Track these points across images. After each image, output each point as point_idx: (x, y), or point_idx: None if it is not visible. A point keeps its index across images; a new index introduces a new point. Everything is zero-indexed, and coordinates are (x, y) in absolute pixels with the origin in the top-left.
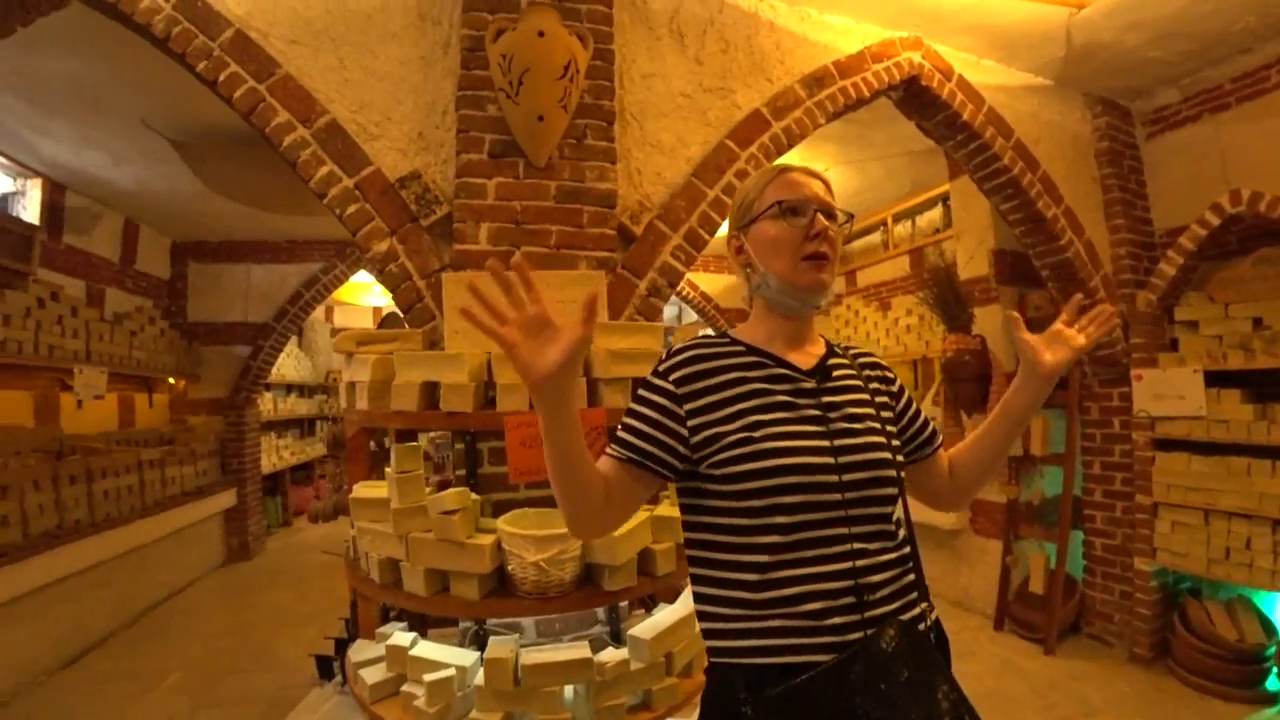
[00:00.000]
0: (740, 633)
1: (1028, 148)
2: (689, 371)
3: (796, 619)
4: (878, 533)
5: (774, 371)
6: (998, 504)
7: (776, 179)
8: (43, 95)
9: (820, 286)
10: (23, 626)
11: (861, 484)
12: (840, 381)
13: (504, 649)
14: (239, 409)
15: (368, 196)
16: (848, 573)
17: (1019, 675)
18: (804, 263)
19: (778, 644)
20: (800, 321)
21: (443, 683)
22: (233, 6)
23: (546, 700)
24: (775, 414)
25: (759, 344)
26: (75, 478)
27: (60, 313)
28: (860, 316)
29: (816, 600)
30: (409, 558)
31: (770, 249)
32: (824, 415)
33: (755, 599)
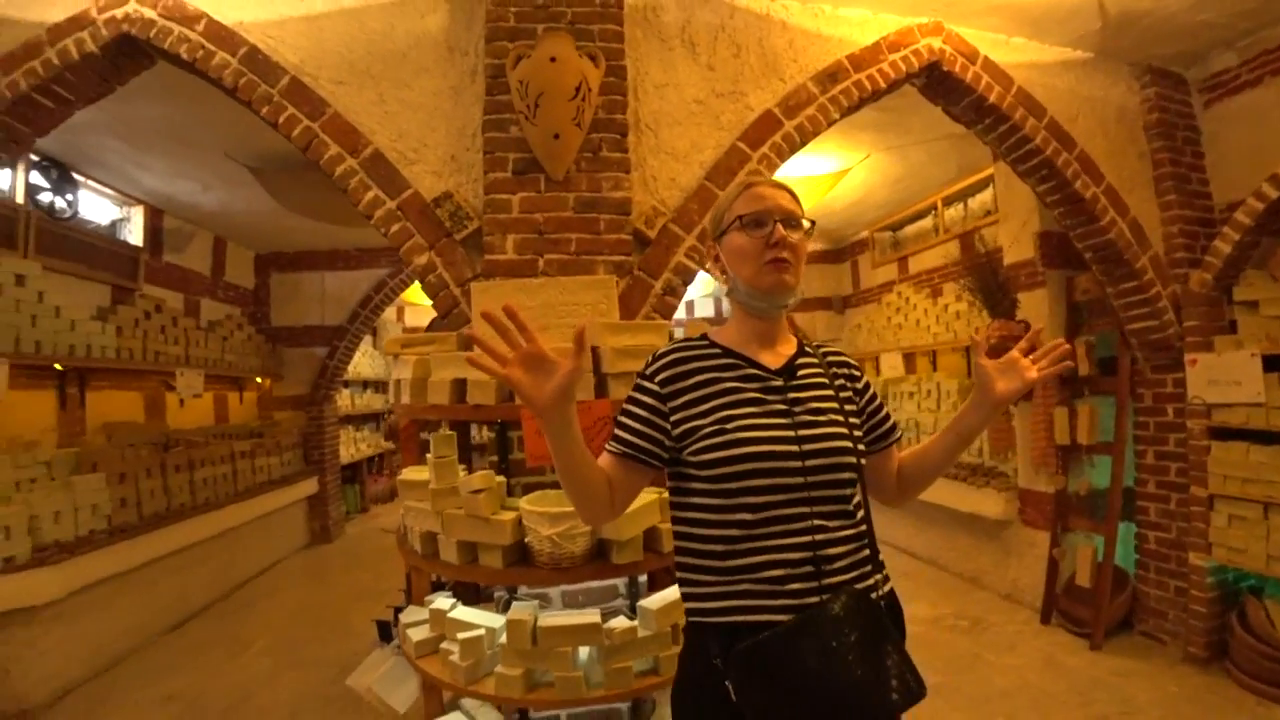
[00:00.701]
0: (712, 595)
1: (1063, 126)
2: (671, 373)
3: (760, 584)
4: (837, 512)
5: (745, 371)
6: (1045, 495)
7: (742, 194)
8: (140, 136)
9: (781, 287)
10: (137, 594)
11: (822, 469)
12: (806, 379)
13: (524, 613)
14: (318, 404)
15: (408, 216)
16: (807, 545)
17: (1060, 671)
18: (766, 266)
19: (743, 604)
20: (771, 322)
21: (474, 641)
22: (288, 55)
23: (561, 660)
24: (745, 409)
25: (733, 346)
26: (179, 467)
27: (163, 323)
28: (910, 304)
29: (777, 568)
30: (444, 531)
31: (737, 257)
32: (789, 409)
33: (726, 566)
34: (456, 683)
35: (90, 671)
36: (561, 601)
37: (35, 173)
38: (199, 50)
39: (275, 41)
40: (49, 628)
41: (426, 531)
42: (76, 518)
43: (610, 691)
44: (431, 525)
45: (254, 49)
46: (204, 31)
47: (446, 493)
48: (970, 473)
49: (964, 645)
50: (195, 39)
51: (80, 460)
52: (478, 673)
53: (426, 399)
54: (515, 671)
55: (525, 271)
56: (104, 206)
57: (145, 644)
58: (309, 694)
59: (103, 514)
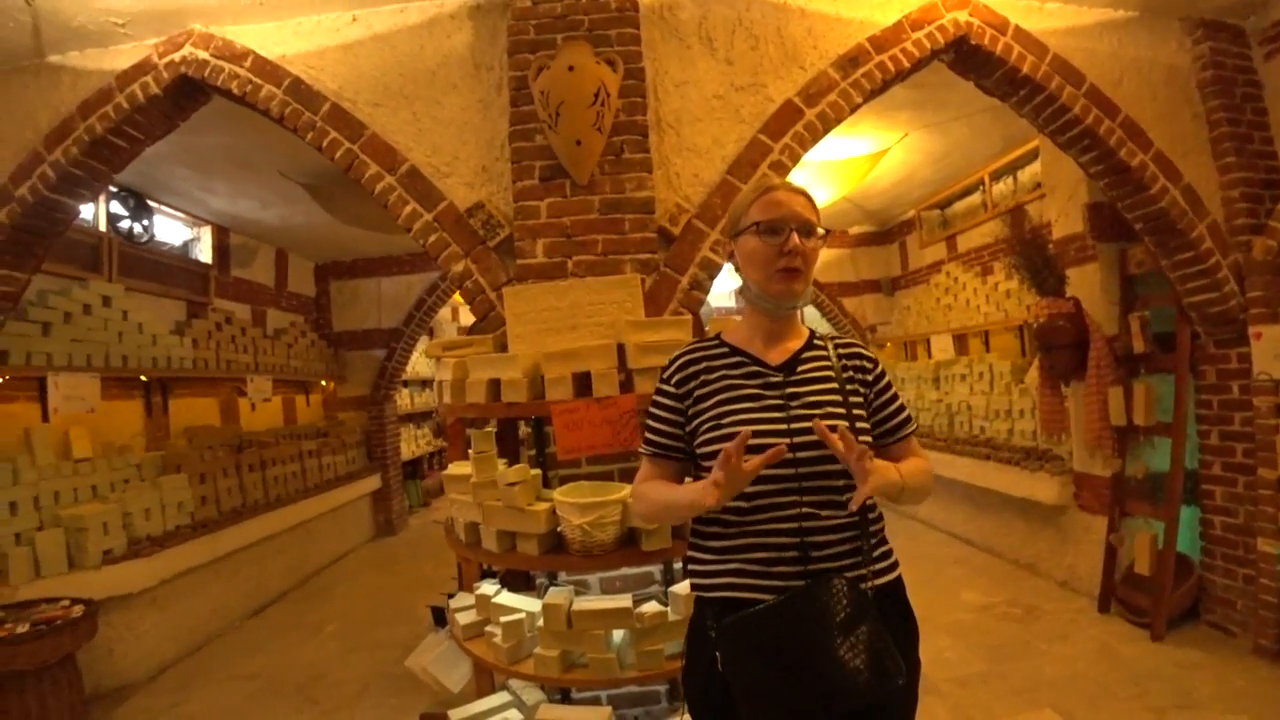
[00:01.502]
0: (709, 573)
1: (1104, 92)
2: (684, 375)
3: (750, 564)
4: (828, 502)
5: (749, 369)
6: (1102, 478)
7: (760, 198)
8: (204, 163)
9: (789, 295)
10: (221, 582)
11: (814, 460)
12: (807, 373)
13: (560, 597)
14: (379, 404)
15: (444, 226)
16: (795, 531)
17: (1115, 661)
18: (777, 274)
19: (734, 582)
20: (780, 320)
21: (514, 624)
22: (328, 83)
23: (595, 642)
24: (742, 404)
25: (741, 344)
26: (253, 466)
27: (233, 333)
28: (960, 284)
29: (765, 550)
30: (484, 521)
31: (750, 261)
32: (785, 404)
33: (720, 546)
34: (499, 663)
35: (182, 651)
36: (599, 588)
37: (115, 202)
38: (248, 84)
39: (316, 71)
40: (144, 613)
41: (469, 522)
42: (164, 514)
43: (642, 673)
44: (474, 516)
45: (297, 79)
46: (251, 67)
47: (486, 485)
48: (1024, 456)
49: (1014, 633)
50: (244, 74)
51: (166, 462)
52: (519, 654)
53: (465, 398)
54: (553, 653)
55: (555, 274)
56: (176, 229)
57: (229, 627)
58: (375, 673)
59: (187, 510)
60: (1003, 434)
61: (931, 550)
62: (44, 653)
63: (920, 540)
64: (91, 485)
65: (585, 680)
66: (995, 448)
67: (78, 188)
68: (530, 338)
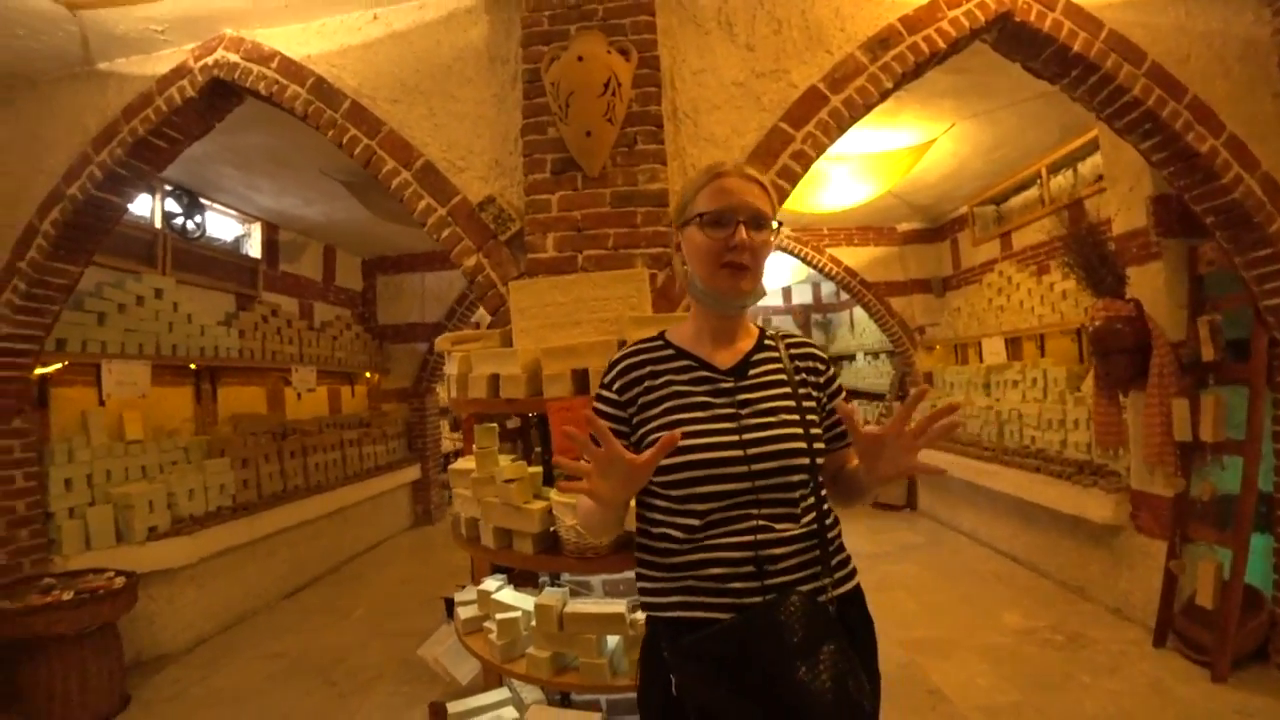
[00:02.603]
0: (661, 591)
1: (1169, 71)
2: (626, 380)
3: (703, 581)
4: (784, 514)
5: (697, 374)
6: (1163, 498)
7: (708, 185)
8: (249, 162)
9: (735, 294)
10: (258, 563)
11: (770, 472)
12: (759, 378)
13: (553, 598)
14: (420, 397)
15: (457, 221)
16: (749, 545)
17: (1168, 701)
18: (722, 270)
19: (687, 600)
20: (729, 319)
21: (510, 622)
22: (349, 81)
23: (587, 646)
24: (692, 414)
25: (687, 345)
26: (294, 453)
27: (280, 325)
28: (1013, 284)
29: (719, 566)
30: (483, 518)
31: (695, 254)
32: (736, 413)
33: (672, 563)
34: (494, 660)
35: (217, 627)
36: (602, 590)
37: (169, 200)
38: (274, 85)
39: (338, 69)
40: (184, 588)
41: (470, 517)
42: (207, 495)
43: (634, 681)
44: (474, 511)
45: (320, 79)
46: (277, 67)
47: (486, 481)
48: (1076, 470)
49: (1055, 662)
50: (271, 75)
51: (211, 446)
52: (513, 652)
53: (468, 393)
54: (544, 654)
55: (566, 268)
56: (228, 225)
57: (263, 606)
58: (394, 659)
59: (229, 493)
60: (1055, 445)
61: (973, 565)
62: (84, 619)
63: (962, 554)
64: (141, 465)
65: (575, 684)
66: (1046, 460)
67: (123, 186)
68: (534, 333)
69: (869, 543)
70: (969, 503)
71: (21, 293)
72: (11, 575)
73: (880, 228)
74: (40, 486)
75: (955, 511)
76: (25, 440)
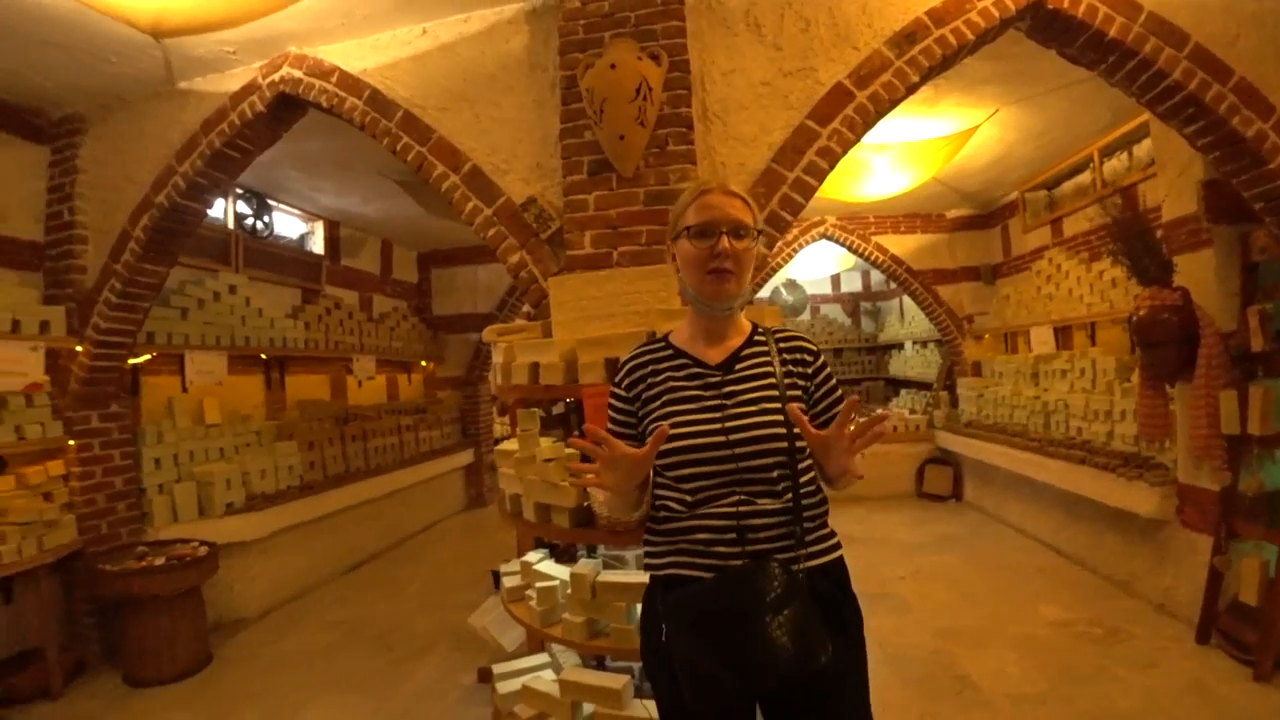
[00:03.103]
0: (659, 553)
1: (1214, 53)
2: (633, 378)
3: (692, 545)
4: (764, 491)
5: (690, 370)
6: (1209, 492)
7: (694, 202)
8: (313, 166)
9: (721, 296)
10: (324, 538)
11: (750, 455)
12: (745, 370)
13: (586, 568)
14: (473, 385)
15: (502, 220)
16: (732, 515)
17: (1207, 699)
18: (708, 277)
19: (678, 560)
20: (719, 320)
21: (549, 590)
22: (401, 92)
23: (616, 613)
24: (683, 405)
25: (683, 344)
26: (355, 437)
27: (341, 317)
28: (1062, 271)
29: (706, 533)
30: (525, 494)
31: (685, 264)
32: (722, 403)
33: (668, 529)
34: (534, 624)
35: (286, 596)
36: (634, 564)
37: (240, 203)
38: (334, 97)
39: (391, 81)
40: (257, 559)
41: (514, 494)
42: (277, 475)
43: None
44: (516, 489)
45: (375, 91)
46: (337, 82)
47: (527, 461)
48: (1121, 462)
49: (1091, 655)
50: (331, 89)
51: (280, 430)
52: (551, 618)
53: (511, 380)
54: (578, 619)
55: (601, 264)
56: (293, 224)
57: (327, 579)
58: (446, 629)
59: (296, 473)
60: (1101, 436)
61: (1014, 557)
62: (175, 582)
63: (1005, 546)
64: (219, 447)
65: (607, 648)
66: (1091, 451)
67: (202, 194)
68: (571, 325)
69: (913, 533)
70: (1015, 494)
71: (118, 291)
72: (111, 543)
73: (928, 215)
74: (134, 465)
75: (1001, 503)
76: (122, 424)
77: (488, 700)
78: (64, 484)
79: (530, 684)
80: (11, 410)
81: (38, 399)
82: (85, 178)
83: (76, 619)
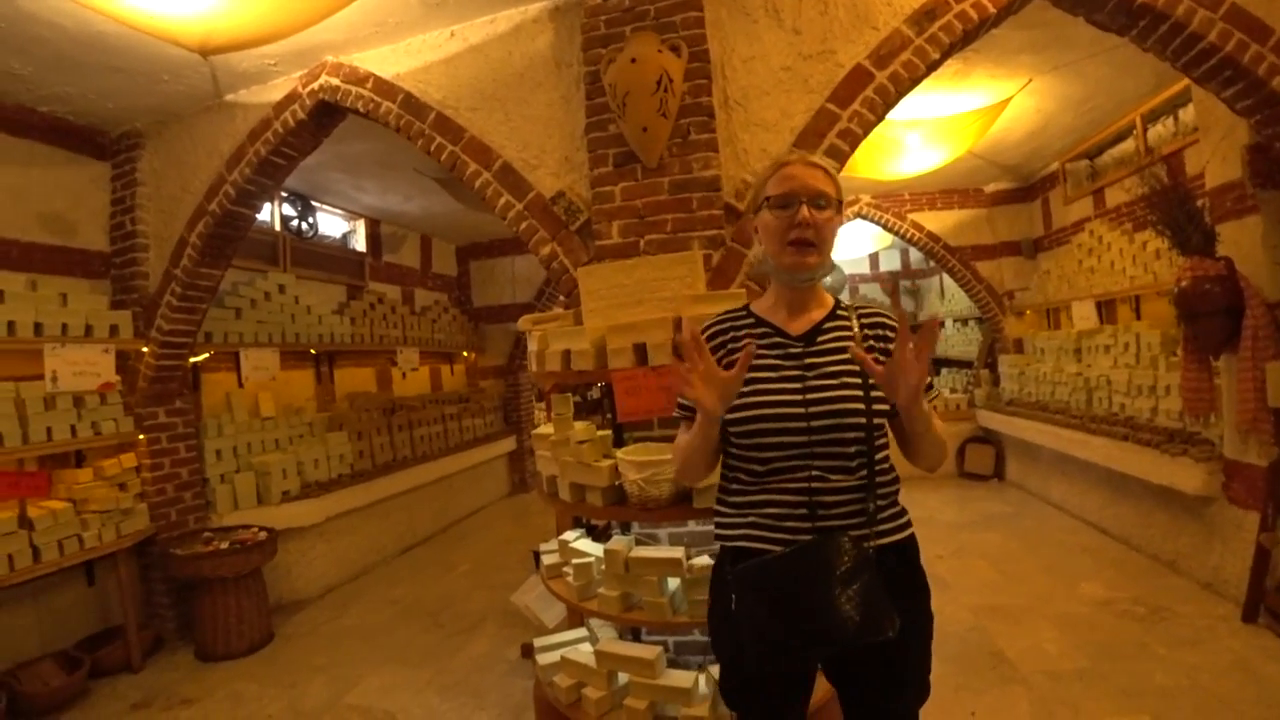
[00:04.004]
0: (729, 524)
1: (1251, 11)
2: (713, 345)
3: (763, 518)
4: (838, 467)
5: (771, 340)
6: (1256, 467)
7: (775, 173)
8: (355, 167)
9: (801, 268)
10: (376, 523)
11: (826, 429)
12: (826, 344)
13: (620, 544)
14: (514, 374)
15: (533, 214)
16: (804, 491)
17: (1251, 678)
18: (789, 248)
19: (749, 533)
20: (802, 290)
21: (584, 566)
22: (434, 94)
23: (650, 587)
24: (763, 374)
25: (765, 314)
26: (401, 426)
27: (385, 311)
28: (1104, 244)
29: (777, 507)
30: (560, 475)
31: (766, 235)
32: (802, 374)
33: (740, 501)
34: (571, 599)
35: (344, 577)
36: (667, 541)
37: (286, 205)
38: (370, 103)
39: (424, 85)
40: (314, 543)
41: (550, 475)
42: (329, 464)
43: (692, 619)
44: (553, 470)
45: (409, 95)
46: (372, 88)
47: (562, 443)
48: (1166, 439)
49: (1132, 633)
50: (367, 95)
51: (331, 421)
52: (588, 592)
53: (545, 366)
54: (614, 593)
55: (629, 253)
56: (336, 223)
57: (382, 561)
58: (493, 607)
59: (347, 462)
60: (1145, 412)
61: (1059, 536)
62: (240, 565)
63: (1049, 524)
64: (275, 439)
65: (642, 620)
66: (1135, 428)
67: (251, 199)
68: (602, 312)
69: (954, 512)
70: (1059, 473)
71: (178, 295)
72: (180, 529)
73: (965, 190)
74: (197, 456)
75: (1045, 482)
76: (185, 418)
77: (532, 673)
78: (136, 475)
79: (569, 655)
80: (88, 408)
81: (110, 397)
82: (144, 190)
83: (153, 599)
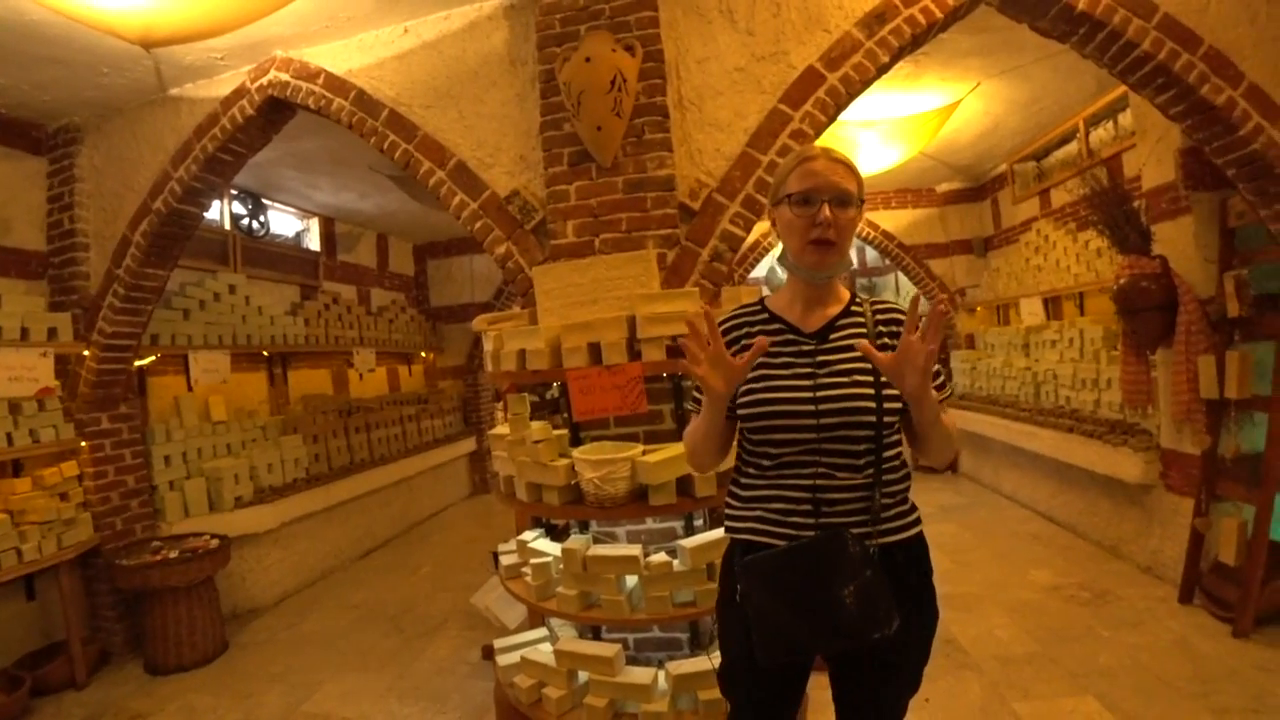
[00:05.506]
0: (737, 517)
1: (1182, 22)
2: (730, 338)
3: (768, 513)
4: (844, 464)
5: (785, 336)
6: (1191, 456)
7: (798, 167)
8: (308, 164)
9: (821, 266)
10: (334, 527)
11: (834, 426)
12: (839, 341)
13: (577, 543)
14: (474, 373)
15: (488, 213)
16: (809, 488)
17: (1187, 655)
18: (809, 246)
19: (755, 526)
20: (818, 287)
21: (543, 565)
22: (387, 91)
23: (608, 585)
24: (775, 370)
25: (781, 310)
26: (359, 428)
27: (340, 312)
28: (1050, 243)
29: (782, 503)
30: (517, 474)
31: (786, 231)
32: (814, 372)
33: (747, 495)
34: (530, 599)
35: (300, 584)
36: (626, 539)
37: (236, 203)
38: (322, 99)
39: (377, 81)
40: (269, 550)
41: (507, 475)
42: (284, 468)
43: (650, 615)
44: (509, 470)
45: (361, 91)
46: (323, 84)
47: (518, 443)
48: (1108, 430)
49: (1078, 617)
50: (318, 91)
51: (285, 425)
52: (547, 592)
53: (500, 366)
54: (572, 592)
55: (585, 252)
56: (289, 222)
57: (340, 566)
58: (455, 610)
59: (302, 466)
60: (1089, 405)
61: (1011, 525)
62: (191, 573)
63: (1003, 514)
64: (226, 443)
65: (601, 618)
66: (1079, 419)
67: (199, 197)
68: (557, 311)
69: None
70: (1010, 464)
71: (121, 296)
72: (127, 538)
73: (919, 190)
74: (145, 463)
75: (997, 474)
76: (131, 424)
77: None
78: (79, 484)
79: (529, 655)
80: (25, 415)
81: (49, 403)
82: (84, 186)
83: (99, 612)
